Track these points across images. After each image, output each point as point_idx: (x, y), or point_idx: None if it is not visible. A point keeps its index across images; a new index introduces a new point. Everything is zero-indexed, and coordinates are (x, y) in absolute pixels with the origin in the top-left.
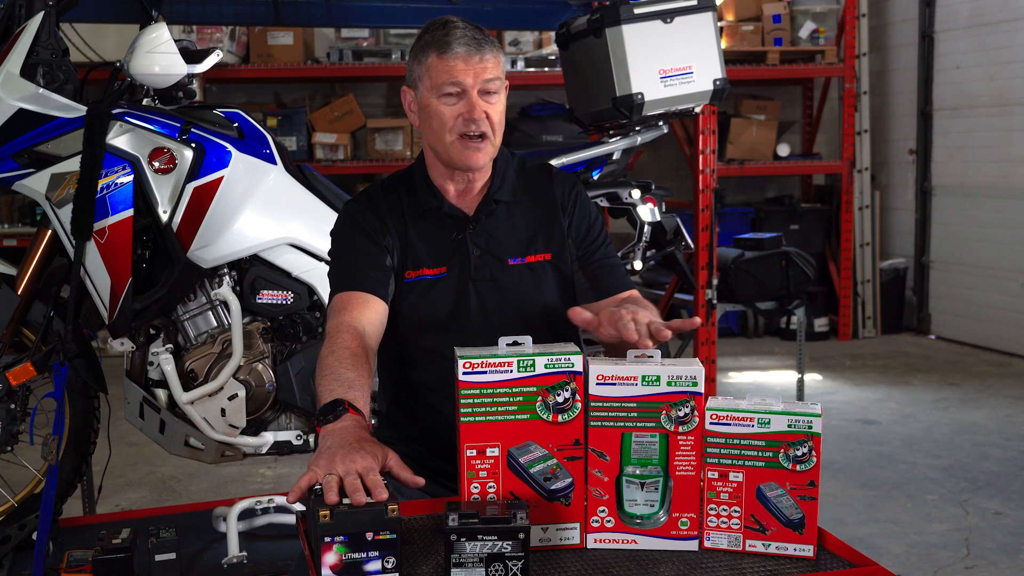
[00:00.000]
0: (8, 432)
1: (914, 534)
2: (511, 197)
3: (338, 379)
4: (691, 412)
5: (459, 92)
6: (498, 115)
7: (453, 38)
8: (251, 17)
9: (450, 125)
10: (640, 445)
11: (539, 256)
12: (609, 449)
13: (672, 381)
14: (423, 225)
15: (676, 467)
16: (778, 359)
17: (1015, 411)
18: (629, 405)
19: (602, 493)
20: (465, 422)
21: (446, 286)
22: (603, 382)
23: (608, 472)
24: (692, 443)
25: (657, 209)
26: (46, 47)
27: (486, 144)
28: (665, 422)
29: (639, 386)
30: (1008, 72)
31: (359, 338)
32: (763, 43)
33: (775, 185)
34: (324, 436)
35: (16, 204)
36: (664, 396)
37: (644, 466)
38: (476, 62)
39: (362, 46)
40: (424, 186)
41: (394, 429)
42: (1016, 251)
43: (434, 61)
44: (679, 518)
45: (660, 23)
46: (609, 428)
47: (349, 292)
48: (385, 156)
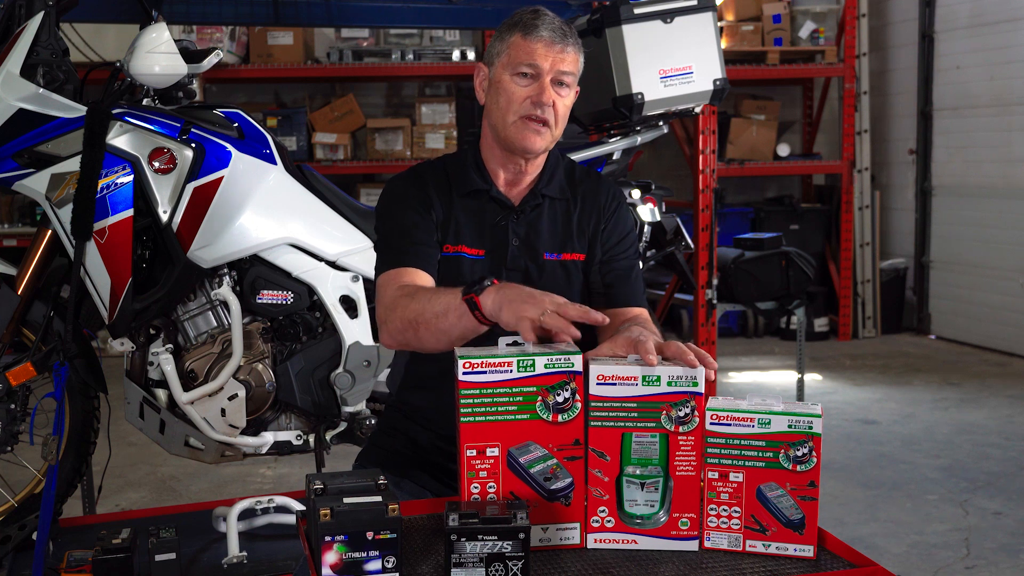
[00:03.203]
0: (8, 432)
1: (914, 534)
2: (557, 194)
3: (446, 289)
4: (691, 412)
5: (534, 74)
6: (564, 108)
7: (541, 23)
8: (251, 17)
9: (517, 105)
10: (640, 445)
11: (574, 255)
12: (609, 449)
13: (672, 381)
14: (469, 204)
15: (676, 467)
16: (778, 359)
17: (1015, 411)
18: (629, 405)
19: (602, 493)
20: (465, 422)
21: (481, 268)
22: (603, 382)
23: (608, 472)
24: (692, 443)
25: (657, 209)
26: (46, 47)
27: (546, 131)
28: (665, 422)
29: (639, 386)
30: (1008, 72)
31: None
32: (763, 43)
33: (775, 185)
34: (494, 291)
35: (16, 204)
36: (664, 396)
37: (644, 466)
38: (557, 50)
39: (362, 46)
40: (475, 167)
41: (401, 412)
42: (1016, 251)
43: (517, 40)
44: (679, 518)
45: (660, 23)
46: (609, 428)
47: (399, 269)
48: (385, 156)
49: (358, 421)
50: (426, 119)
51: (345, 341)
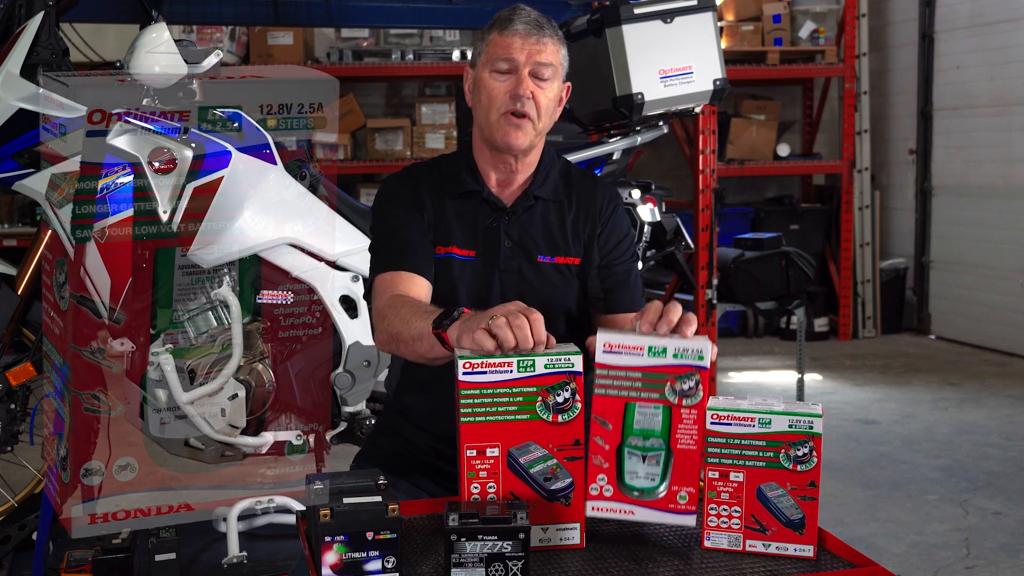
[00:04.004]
0: (8, 432)
1: (914, 534)
2: (551, 196)
3: (427, 309)
4: (696, 386)
5: (511, 68)
6: (546, 100)
7: (516, 17)
8: (251, 17)
9: (498, 101)
10: (643, 416)
11: (569, 259)
12: (612, 418)
13: (678, 354)
14: (460, 205)
15: (678, 440)
16: (778, 359)
17: (1015, 411)
18: (634, 375)
19: (603, 461)
20: (465, 422)
21: (473, 270)
22: (610, 350)
23: (609, 440)
24: (695, 417)
25: (657, 209)
26: (46, 47)
27: (528, 125)
28: (669, 394)
29: (645, 356)
30: (1008, 72)
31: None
32: (763, 43)
33: (775, 185)
34: (460, 323)
35: (16, 204)
36: (670, 368)
37: (647, 438)
38: (533, 42)
39: (362, 46)
40: (468, 168)
41: (398, 415)
42: (1016, 251)
43: (494, 37)
44: (678, 491)
45: (660, 23)
46: (613, 397)
47: (393, 273)
48: (385, 156)
49: (358, 421)
50: (426, 119)
51: (345, 341)
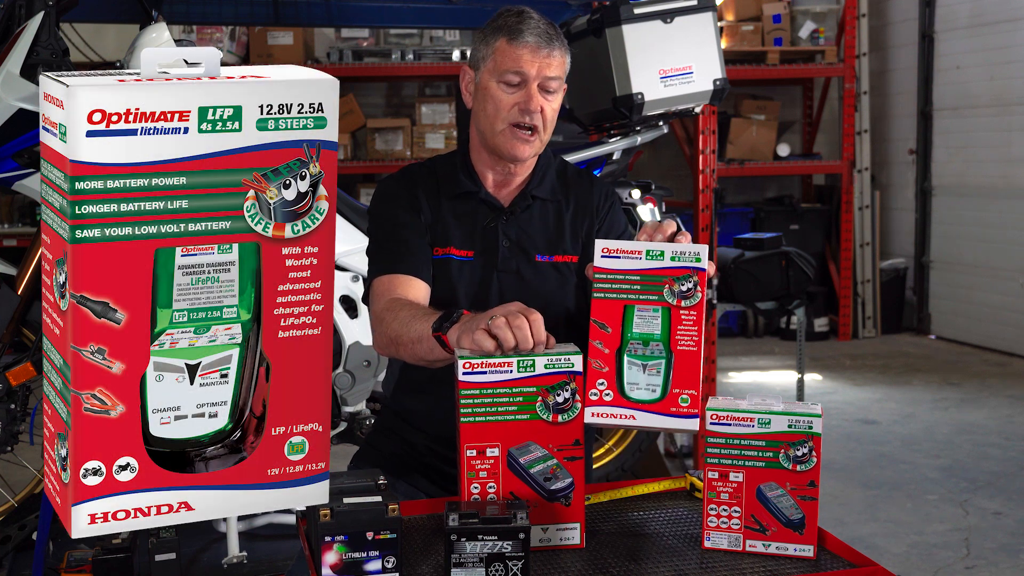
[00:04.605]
0: (8, 432)
1: (914, 534)
2: (548, 195)
3: (426, 311)
4: (694, 287)
5: (520, 82)
6: (552, 113)
7: (526, 27)
8: (251, 17)
9: (504, 113)
10: (642, 319)
11: (567, 257)
12: (611, 321)
13: (676, 256)
14: (457, 206)
15: (678, 342)
16: (778, 359)
17: (1015, 411)
18: (633, 278)
19: (602, 365)
20: (465, 422)
21: (471, 271)
22: (608, 255)
23: (609, 344)
24: (694, 318)
25: (657, 209)
26: (46, 47)
27: (535, 138)
28: (668, 296)
29: (643, 260)
30: (1008, 72)
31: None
32: (763, 43)
33: (775, 185)
34: (459, 325)
35: (16, 204)
36: (668, 271)
37: (646, 344)
38: (543, 56)
39: (362, 46)
40: (464, 169)
41: (397, 416)
42: (1016, 251)
43: (502, 45)
44: (679, 394)
45: (660, 23)
46: (612, 300)
47: (391, 276)
48: (385, 156)
49: (358, 421)
50: (426, 119)
51: (345, 341)
